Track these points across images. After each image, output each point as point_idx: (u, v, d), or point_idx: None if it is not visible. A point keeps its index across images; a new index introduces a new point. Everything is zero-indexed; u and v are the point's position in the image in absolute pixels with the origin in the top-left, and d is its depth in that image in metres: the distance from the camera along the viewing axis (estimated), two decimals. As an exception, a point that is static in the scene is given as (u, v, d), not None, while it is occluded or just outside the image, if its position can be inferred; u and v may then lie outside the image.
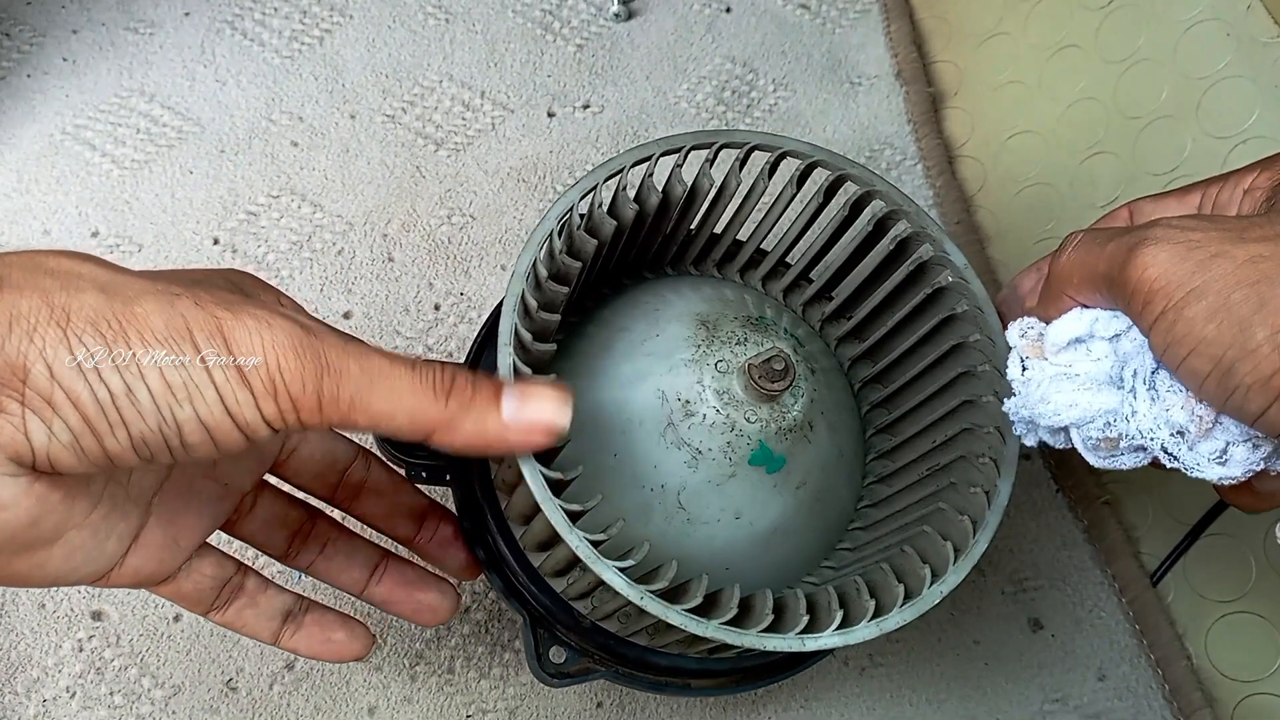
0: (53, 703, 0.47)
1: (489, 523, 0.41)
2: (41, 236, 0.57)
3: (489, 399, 0.30)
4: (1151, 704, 0.54)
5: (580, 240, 0.38)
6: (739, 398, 0.38)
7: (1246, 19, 0.50)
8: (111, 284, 0.27)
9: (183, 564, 0.35)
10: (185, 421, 0.27)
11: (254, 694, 0.49)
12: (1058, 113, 0.61)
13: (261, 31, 0.65)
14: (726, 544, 0.39)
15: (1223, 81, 0.51)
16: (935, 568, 0.36)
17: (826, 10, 0.72)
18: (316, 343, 0.28)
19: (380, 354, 0.29)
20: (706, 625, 0.33)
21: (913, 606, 0.35)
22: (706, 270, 0.48)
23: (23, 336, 0.26)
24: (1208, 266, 0.27)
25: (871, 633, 0.35)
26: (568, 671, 0.41)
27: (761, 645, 0.33)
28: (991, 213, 0.64)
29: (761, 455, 0.38)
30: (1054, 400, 0.32)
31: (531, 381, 0.32)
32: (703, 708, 0.51)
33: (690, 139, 0.40)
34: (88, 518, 0.30)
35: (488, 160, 0.63)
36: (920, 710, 0.53)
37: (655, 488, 0.38)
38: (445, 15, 0.67)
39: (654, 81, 0.67)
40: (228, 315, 0.27)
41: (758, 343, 0.39)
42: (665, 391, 0.38)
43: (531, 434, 0.31)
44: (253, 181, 0.60)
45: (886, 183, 0.42)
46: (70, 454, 0.27)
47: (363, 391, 0.29)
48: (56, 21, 0.64)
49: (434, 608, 0.40)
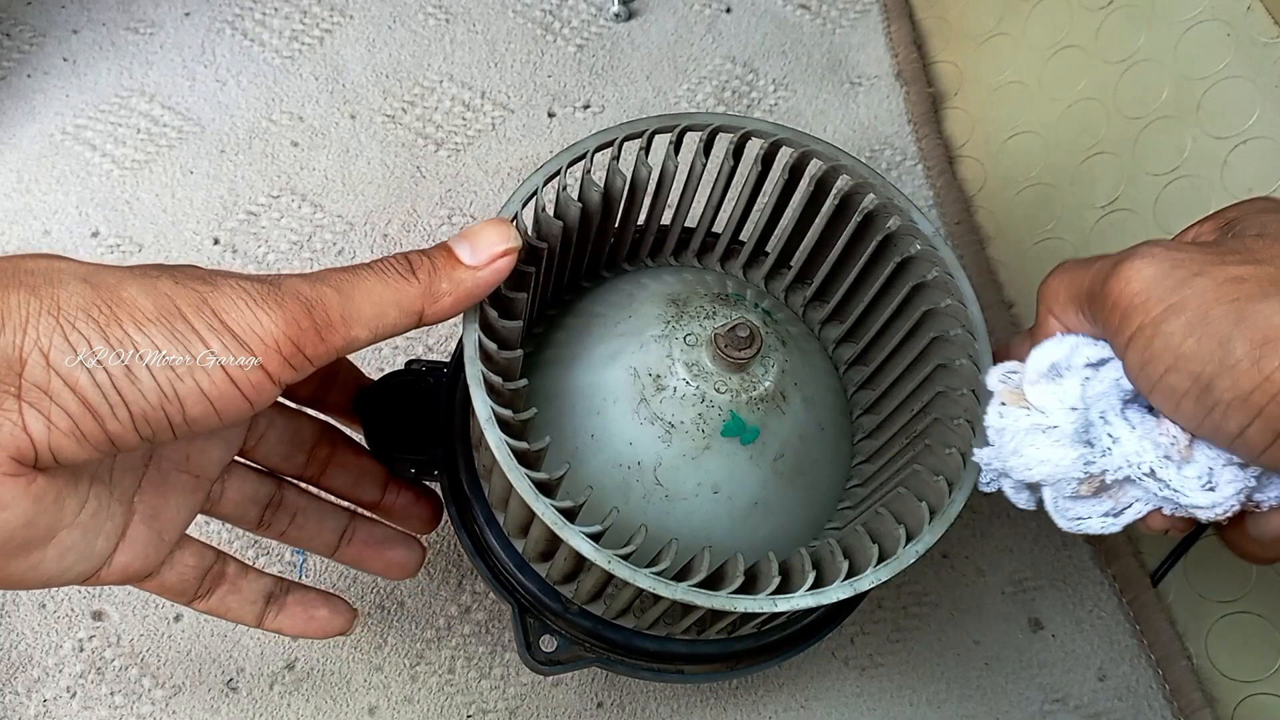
0: (53, 702, 0.47)
1: (475, 512, 0.41)
2: (42, 237, 0.57)
3: (448, 258, 0.33)
4: (1152, 704, 0.54)
5: (546, 223, 0.39)
6: (708, 369, 0.38)
7: (1246, 19, 0.50)
8: (92, 275, 0.28)
9: (166, 557, 0.36)
10: (187, 395, 0.28)
11: (254, 694, 0.49)
12: (1058, 113, 0.61)
13: (262, 31, 0.65)
14: (706, 519, 0.39)
15: (1223, 82, 0.51)
16: (910, 528, 0.36)
17: (826, 10, 0.72)
18: (288, 287, 0.30)
19: (341, 271, 0.31)
20: (675, 587, 0.33)
21: (887, 566, 0.35)
22: (686, 261, 0.48)
23: (16, 330, 0.26)
24: (1188, 284, 0.27)
25: (845, 592, 0.34)
26: (558, 659, 0.41)
27: (732, 606, 0.34)
28: (992, 213, 0.64)
29: (734, 426, 0.39)
30: (1026, 454, 0.32)
31: (466, 228, 0.34)
32: (703, 707, 0.51)
33: (654, 122, 0.40)
34: (78, 517, 0.30)
35: (488, 160, 0.63)
36: (920, 710, 0.53)
37: (632, 465, 0.39)
38: (445, 15, 0.67)
39: (654, 82, 0.67)
40: (208, 289, 0.28)
41: (726, 315, 0.40)
42: (637, 368, 0.39)
43: (495, 262, 0.33)
44: (253, 181, 0.60)
45: (850, 156, 0.42)
46: (71, 441, 0.27)
47: (347, 306, 0.30)
48: (57, 21, 0.64)
49: (402, 563, 0.43)
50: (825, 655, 0.53)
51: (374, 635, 0.50)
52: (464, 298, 0.33)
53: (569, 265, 0.44)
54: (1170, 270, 0.28)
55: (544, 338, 0.44)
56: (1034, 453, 0.32)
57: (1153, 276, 0.28)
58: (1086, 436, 0.31)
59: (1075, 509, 0.33)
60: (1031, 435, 0.32)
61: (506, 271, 0.34)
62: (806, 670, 0.52)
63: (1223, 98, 0.51)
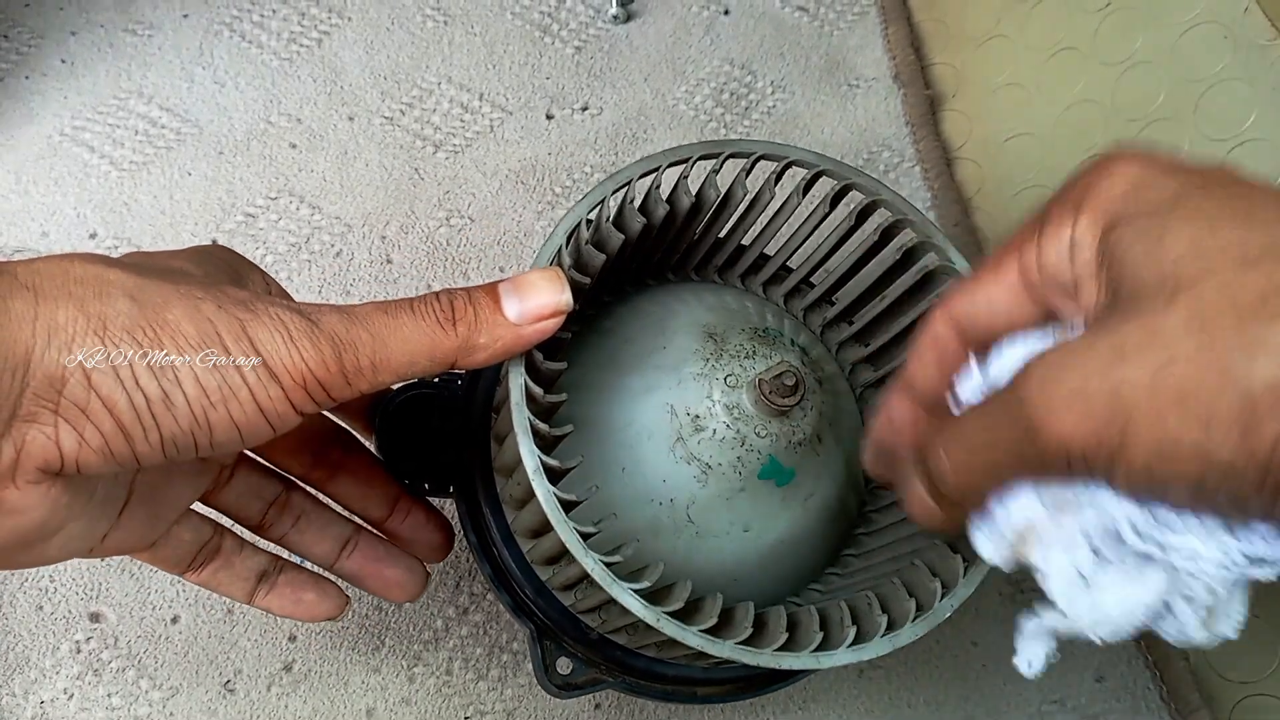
0: (50, 704, 0.47)
1: (493, 536, 0.41)
2: (40, 238, 0.57)
3: (492, 310, 0.32)
4: (1149, 705, 0.54)
5: (588, 255, 0.38)
6: (749, 412, 0.38)
7: (1244, 22, 0.50)
8: (140, 290, 0.28)
9: (162, 535, 0.36)
10: (218, 422, 0.28)
11: (251, 695, 0.49)
12: (1055, 115, 0.61)
13: (260, 33, 0.65)
14: (734, 556, 0.39)
15: (1220, 84, 0.52)
16: (945, 581, 0.36)
17: (824, 13, 0.72)
18: (325, 325, 0.30)
19: (379, 311, 0.31)
20: (723, 645, 0.33)
21: (924, 621, 0.35)
22: (708, 276, 0.48)
23: (61, 348, 0.26)
24: (1118, 393, 0.22)
25: (885, 648, 0.34)
26: (575, 683, 0.40)
27: (777, 664, 0.33)
28: (989, 215, 0.64)
29: (772, 469, 0.38)
30: (1110, 609, 0.25)
31: (519, 276, 0.33)
32: (701, 709, 0.51)
33: (698, 149, 0.40)
34: (86, 509, 0.30)
35: (486, 162, 0.63)
36: (918, 712, 0.53)
37: (664, 501, 0.38)
38: (444, 17, 0.67)
39: (652, 84, 0.67)
40: (249, 316, 0.29)
41: (766, 355, 0.39)
42: (674, 406, 0.38)
43: (542, 321, 0.32)
44: (251, 183, 0.60)
45: (891, 191, 0.42)
46: (99, 458, 0.27)
47: (379, 353, 0.30)
48: (55, 23, 0.64)
49: (402, 584, 0.41)
50: (823, 657, 0.53)
51: (371, 637, 0.50)
52: (501, 353, 0.32)
53: (599, 280, 0.43)
54: (1092, 391, 0.23)
55: (570, 355, 0.42)
56: (1115, 608, 0.25)
57: (1080, 412, 0.23)
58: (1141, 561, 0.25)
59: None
60: (1101, 591, 0.25)
61: (551, 332, 0.33)
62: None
63: (1220, 100, 0.51)
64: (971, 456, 0.26)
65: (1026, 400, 0.24)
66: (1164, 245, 0.23)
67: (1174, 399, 0.21)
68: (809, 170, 0.41)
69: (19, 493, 0.27)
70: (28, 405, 0.26)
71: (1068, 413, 0.23)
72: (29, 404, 0.26)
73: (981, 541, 0.28)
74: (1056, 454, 0.23)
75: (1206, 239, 0.22)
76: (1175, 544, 0.24)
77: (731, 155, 0.41)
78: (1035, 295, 0.28)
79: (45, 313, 0.26)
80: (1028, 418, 0.24)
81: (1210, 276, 0.22)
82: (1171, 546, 0.24)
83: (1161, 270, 0.23)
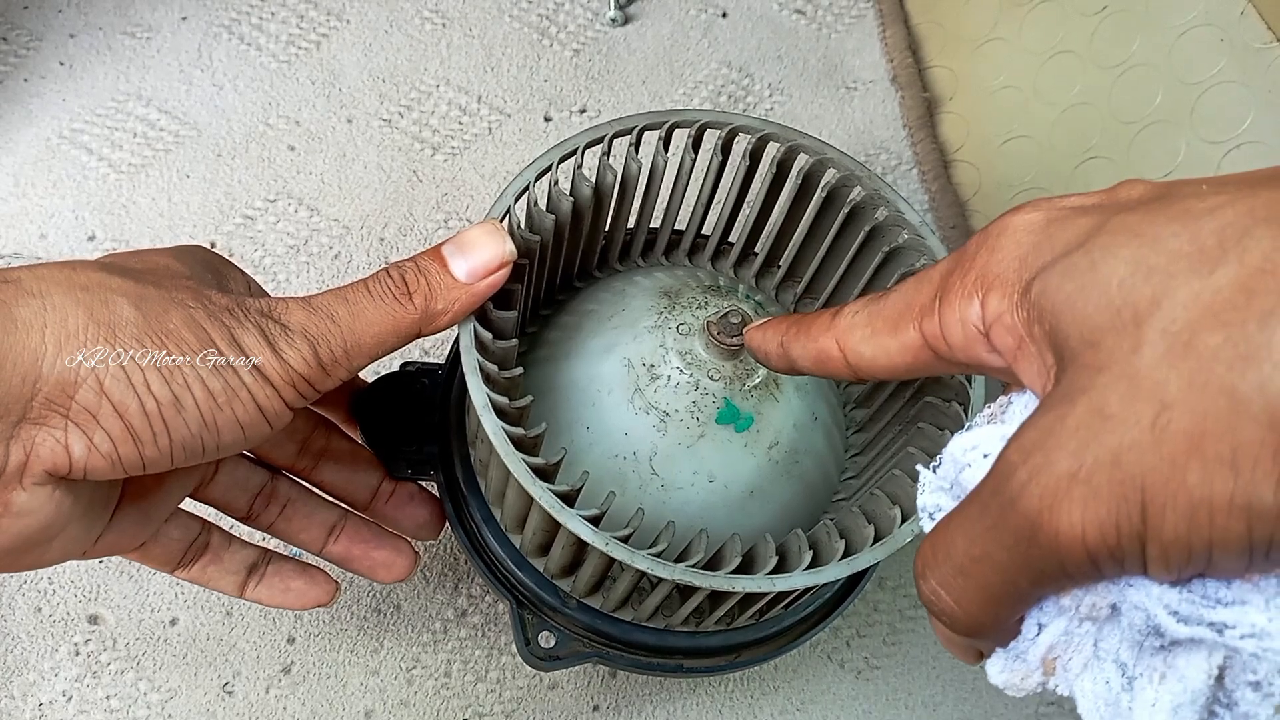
0: (49, 706, 0.47)
1: (471, 510, 0.42)
2: (38, 240, 0.57)
3: (442, 274, 0.34)
4: (1146, 707, 0.54)
5: (539, 219, 0.39)
6: (701, 357, 0.39)
7: (1240, 25, 0.50)
8: (140, 299, 0.29)
9: (152, 534, 0.36)
10: (225, 423, 0.30)
11: (250, 698, 0.49)
12: (1052, 118, 0.61)
13: (258, 36, 0.65)
14: (703, 508, 0.40)
15: (1216, 87, 0.52)
16: (905, 509, 0.36)
17: (822, 15, 0.72)
18: (295, 324, 0.31)
19: (339, 300, 0.32)
20: (673, 568, 0.33)
21: (883, 545, 0.35)
22: (677, 260, 0.49)
23: (74, 354, 0.27)
24: (1119, 463, 0.18)
25: (842, 571, 0.35)
26: (557, 655, 0.41)
27: (730, 586, 0.34)
28: (987, 217, 0.64)
29: (728, 413, 0.39)
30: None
31: (459, 234, 0.34)
32: (699, 710, 0.51)
33: (643, 119, 0.41)
34: (84, 512, 0.31)
35: (484, 164, 0.63)
36: (916, 713, 0.53)
37: (628, 455, 0.39)
38: (442, 20, 0.67)
39: (650, 86, 0.67)
40: (235, 322, 0.30)
41: (718, 305, 0.40)
42: (631, 359, 0.39)
43: (490, 275, 0.34)
44: (249, 185, 0.60)
45: (836, 150, 0.42)
46: (106, 462, 0.28)
47: (349, 340, 0.32)
48: (54, 26, 0.64)
49: (389, 564, 0.42)
50: (821, 658, 0.53)
51: (370, 639, 0.50)
52: (460, 313, 0.34)
53: (561, 263, 0.44)
54: (1089, 488, 0.19)
55: (538, 336, 0.44)
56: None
57: (1082, 508, 0.19)
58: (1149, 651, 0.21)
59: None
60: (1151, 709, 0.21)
61: (501, 283, 0.34)
62: (803, 673, 0.53)
63: (1216, 103, 0.52)
64: (968, 582, 0.22)
65: (1017, 500, 0.20)
66: (1099, 273, 0.20)
67: (1186, 449, 0.17)
68: (753, 135, 0.42)
69: (26, 495, 0.28)
70: (38, 409, 0.27)
71: (1069, 503, 0.19)
72: (39, 408, 0.27)
73: (994, 672, 0.25)
74: (1072, 555, 0.19)
75: (1148, 252, 0.19)
76: (1229, 619, 0.20)
77: (677, 125, 0.41)
78: (948, 365, 0.25)
79: (55, 319, 0.27)
80: (1024, 521, 0.20)
81: (1172, 290, 0.18)
82: (1225, 624, 0.20)
83: (1109, 302, 0.19)
